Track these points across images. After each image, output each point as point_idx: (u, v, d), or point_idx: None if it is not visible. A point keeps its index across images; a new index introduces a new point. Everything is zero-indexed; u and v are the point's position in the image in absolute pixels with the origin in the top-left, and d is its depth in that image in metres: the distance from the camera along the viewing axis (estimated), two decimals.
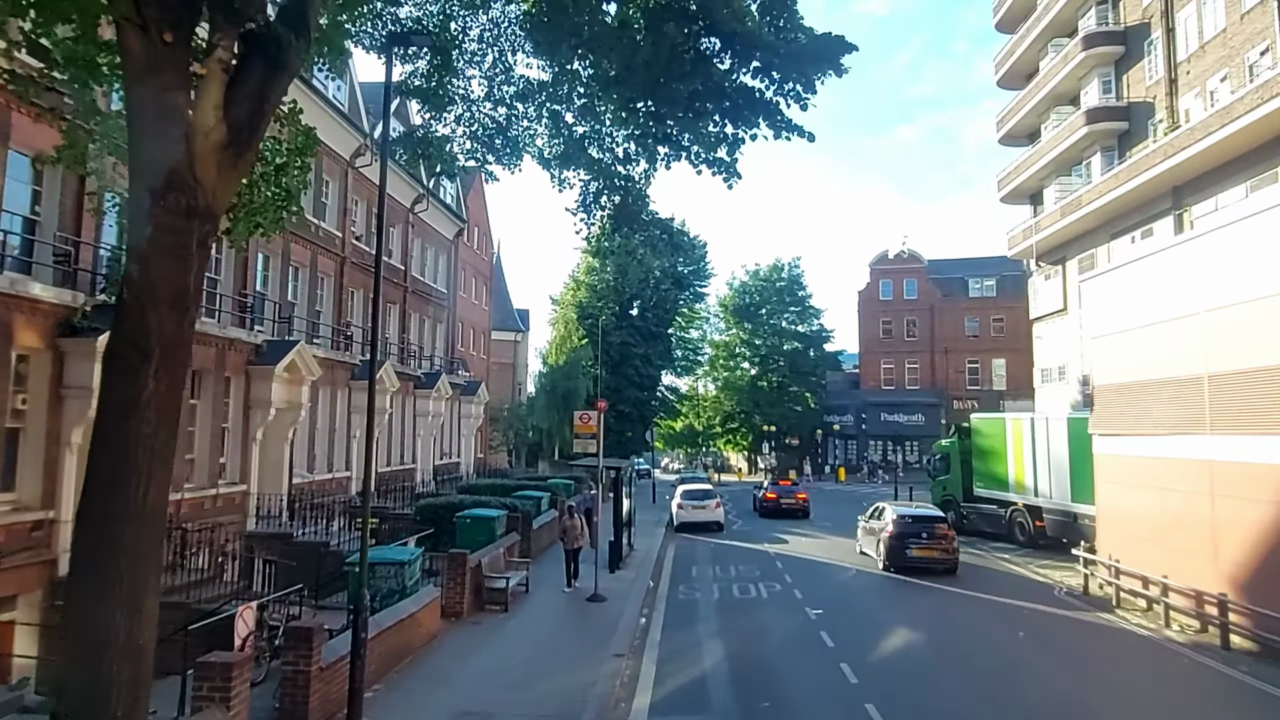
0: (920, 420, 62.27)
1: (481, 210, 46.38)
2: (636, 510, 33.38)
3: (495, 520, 18.29)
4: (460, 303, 41.93)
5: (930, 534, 20.55)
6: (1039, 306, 40.02)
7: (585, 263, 61.61)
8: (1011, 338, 61.19)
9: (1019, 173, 39.72)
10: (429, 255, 37.37)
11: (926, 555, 20.15)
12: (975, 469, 27.97)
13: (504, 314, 65.66)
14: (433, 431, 33.39)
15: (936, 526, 20.91)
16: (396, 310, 33.10)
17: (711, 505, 29.09)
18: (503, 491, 26.15)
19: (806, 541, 26.82)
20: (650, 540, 26.22)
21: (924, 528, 20.79)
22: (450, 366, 39.25)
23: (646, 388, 58.93)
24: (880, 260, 66.20)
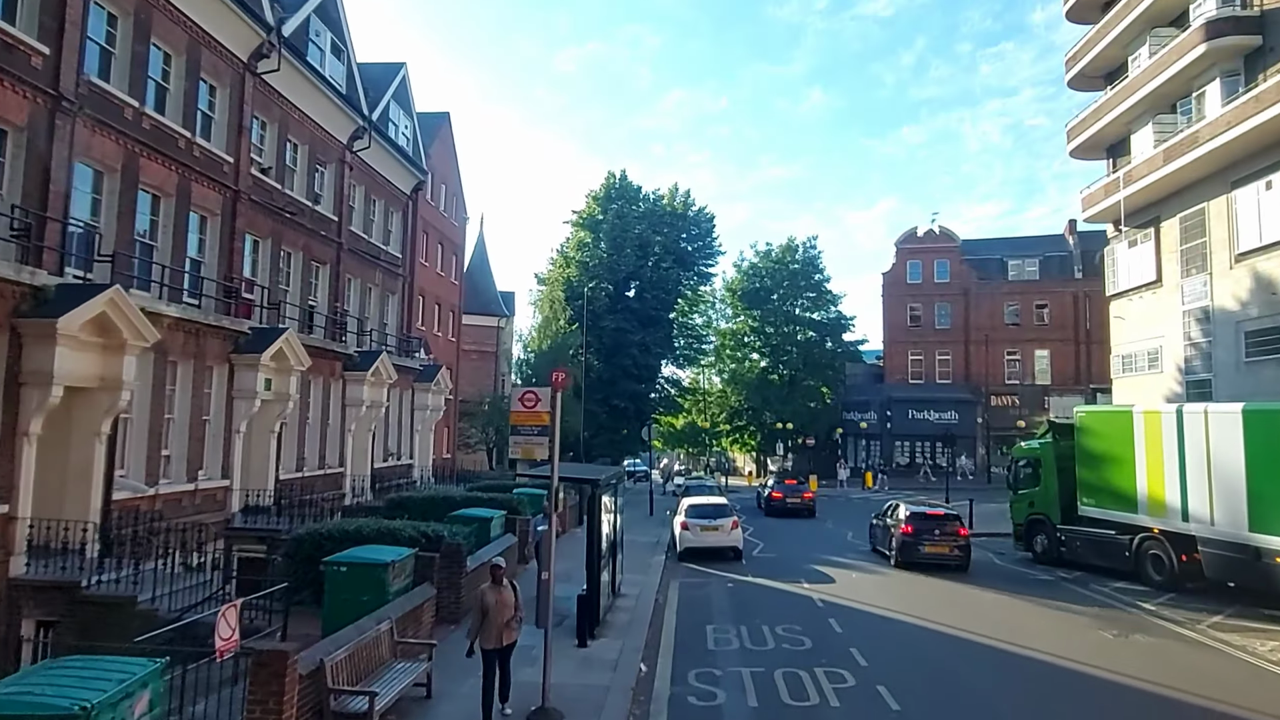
0: (953, 418, 55.17)
1: (450, 167, 39.31)
2: (628, 529, 26.43)
3: (387, 569, 11.22)
4: (420, 272, 34.86)
5: (943, 531, 20.89)
6: (1121, 280, 32.93)
7: (575, 237, 54.64)
8: (1058, 326, 54.42)
9: (1098, 117, 32.60)
10: (376, 210, 30.31)
11: (938, 552, 20.59)
12: (1083, 480, 20.89)
13: (486, 296, 58.80)
14: (370, 426, 26.32)
15: (949, 524, 21.12)
16: (326, 271, 26.06)
17: (727, 526, 22.03)
18: (444, 506, 19.21)
19: (857, 578, 19.74)
20: (645, 575, 19.16)
21: (937, 525, 21.09)
22: (405, 346, 32.20)
23: (644, 380, 51.91)
24: (908, 239, 59.08)
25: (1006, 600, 17.23)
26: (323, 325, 25.65)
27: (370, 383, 25.45)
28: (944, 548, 20.55)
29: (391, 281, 31.42)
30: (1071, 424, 22.03)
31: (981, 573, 20.86)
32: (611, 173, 55.05)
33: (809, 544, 26.22)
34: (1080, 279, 55.00)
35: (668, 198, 55.72)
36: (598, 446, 50.93)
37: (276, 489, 20.63)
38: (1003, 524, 31.22)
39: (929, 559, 20.46)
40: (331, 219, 26.09)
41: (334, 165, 26.34)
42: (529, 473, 14.02)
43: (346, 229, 27.16)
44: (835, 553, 24.05)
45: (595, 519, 13.06)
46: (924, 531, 20.76)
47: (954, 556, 20.49)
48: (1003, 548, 25.21)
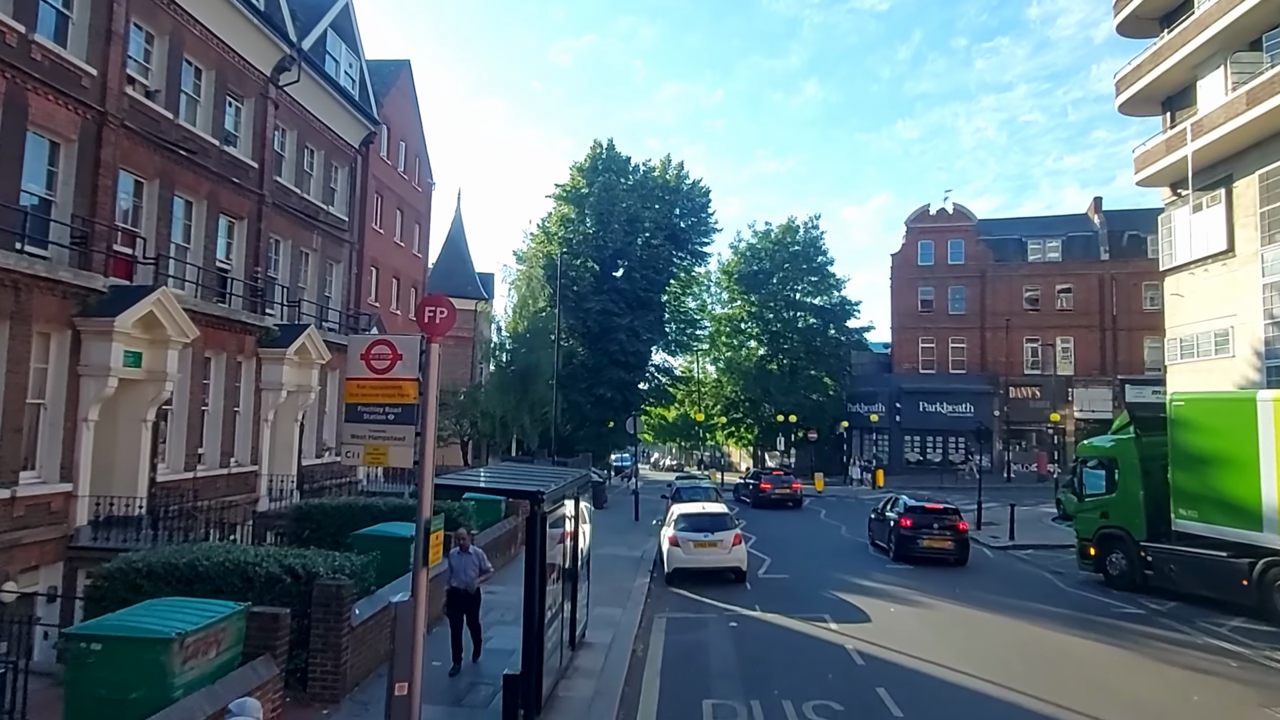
0: (968, 411, 50.68)
1: (411, 123, 34.67)
2: (608, 539, 22.00)
3: (169, 647, 6.64)
4: (373, 239, 30.26)
5: (941, 525, 20.67)
6: (1180, 252, 28.58)
7: (558, 211, 49.98)
8: (1082, 312, 50.12)
9: (1156, 62, 28.15)
10: (315, 162, 25.70)
11: (937, 546, 20.39)
12: (1179, 486, 16.43)
13: (463, 278, 54.21)
14: (295, 415, 21.73)
15: (947, 518, 20.88)
16: (243, 228, 21.47)
17: (727, 541, 17.53)
18: (362, 518, 14.75)
19: (896, 613, 15.31)
20: (622, 609, 14.68)
21: (935, 519, 20.88)
22: (351, 323, 27.63)
23: (632, 367, 47.35)
24: (919, 217, 54.62)
25: (1104, 650, 12.80)
26: (241, 294, 21.16)
27: (293, 363, 20.89)
28: (942, 541, 20.38)
29: (335, 248, 26.82)
30: (1161, 415, 17.60)
31: (1047, 599, 16.50)
32: (598, 142, 50.52)
33: (821, 553, 21.80)
34: (1107, 260, 50.67)
35: (659, 169, 51.15)
36: (581, 440, 46.47)
37: (152, 494, 16.10)
38: (1049, 532, 26.91)
39: (927, 553, 20.33)
40: (250, 164, 21.47)
41: (253, 101, 21.71)
42: (442, 481, 9.49)
43: (271, 179, 22.54)
44: (856, 568, 19.62)
45: (535, 553, 8.57)
46: (922, 525, 20.67)
47: (952, 550, 20.38)
48: (1061, 564, 20.84)
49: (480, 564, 10.64)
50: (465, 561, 10.62)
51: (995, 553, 23.21)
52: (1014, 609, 15.47)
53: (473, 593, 10.62)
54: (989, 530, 26.85)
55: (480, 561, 10.65)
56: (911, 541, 20.49)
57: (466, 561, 10.62)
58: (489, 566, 10.86)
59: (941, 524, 20.69)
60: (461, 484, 9.56)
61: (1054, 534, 26.45)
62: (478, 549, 10.92)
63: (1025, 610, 15.39)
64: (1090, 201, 54.08)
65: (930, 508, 21.36)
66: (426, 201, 36.89)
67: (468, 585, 10.58)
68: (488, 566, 10.81)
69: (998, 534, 25.97)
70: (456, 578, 10.54)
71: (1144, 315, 49.52)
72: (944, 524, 20.69)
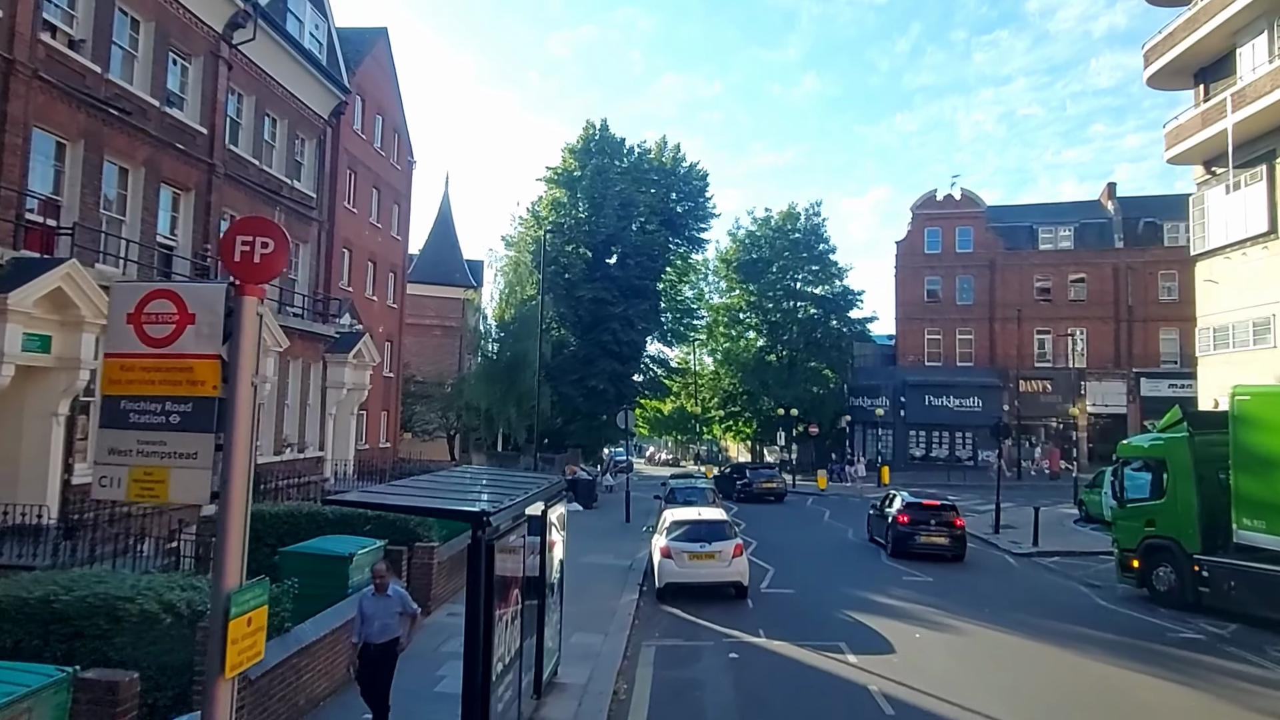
0: (976, 405, 48.82)
1: (389, 95, 32.47)
2: (595, 545, 19.93)
3: None
4: (345, 219, 28.12)
5: (939, 521, 20.46)
6: (1214, 235, 26.51)
7: (549, 195, 47.76)
8: (1095, 302, 48.13)
9: (1190, 29, 26.03)
10: (276, 132, 23.56)
11: (934, 542, 20.16)
12: (1242, 493, 14.37)
13: (451, 265, 52.19)
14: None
15: (945, 514, 20.64)
16: (191, 200, 19.36)
17: (727, 552, 15.44)
18: (306, 528, 12.70)
19: (923, 639, 13.26)
20: (603, 635, 12.62)
21: (932, 515, 20.69)
22: (320, 309, 25.55)
23: (626, 358, 45.18)
24: (926, 203, 52.47)
25: (1172, 691, 10.78)
26: (188, 273, 19.07)
27: None
28: (939, 538, 20.20)
29: (300, 226, 24.68)
30: (1218, 411, 15.57)
31: (1090, 621, 14.48)
32: (591, 122, 48.24)
33: (830, 562, 19.77)
34: (1121, 249, 48.61)
35: (655, 152, 48.92)
36: (572, 434, 44.37)
37: (66, 500, 14.04)
38: (1073, 537, 24.90)
39: (924, 549, 20.16)
40: (197, 130, 19.34)
41: (201, 60, 19.55)
42: (348, 499, 7.34)
43: (224, 147, 20.43)
44: (869, 580, 17.56)
45: (479, 592, 6.49)
46: (919, 522, 20.54)
47: (949, 547, 20.17)
48: (1094, 575, 18.86)
49: (404, 607, 8.21)
50: (381, 607, 8.10)
51: (1019, 560, 21.20)
52: (1055, 635, 13.43)
53: (384, 646, 8.11)
54: (1008, 534, 24.84)
55: (404, 603, 8.23)
56: (908, 538, 20.40)
57: (383, 607, 8.10)
58: (415, 608, 8.38)
59: (939, 520, 20.49)
60: (370, 501, 7.32)
61: (1079, 538, 24.47)
62: (399, 589, 8.46)
63: (1069, 636, 13.36)
64: (1104, 187, 52.00)
65: (927, 504, 21.16)
66: (407, 181, 34.72)
67: (380, 637, 8.09)
68: (414, 608, 8.34)
69: (1018, 538, 23.95)
70: (367, 627, 8.07)
71: (1160, 306, 47.56)
72: (941, 520, 20.48)
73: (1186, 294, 46.80)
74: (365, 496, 7.37)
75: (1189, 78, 27.80)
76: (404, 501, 6.90)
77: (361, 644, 8.10)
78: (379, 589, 8.12)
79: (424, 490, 8.20)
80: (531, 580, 8.87)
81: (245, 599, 3.80)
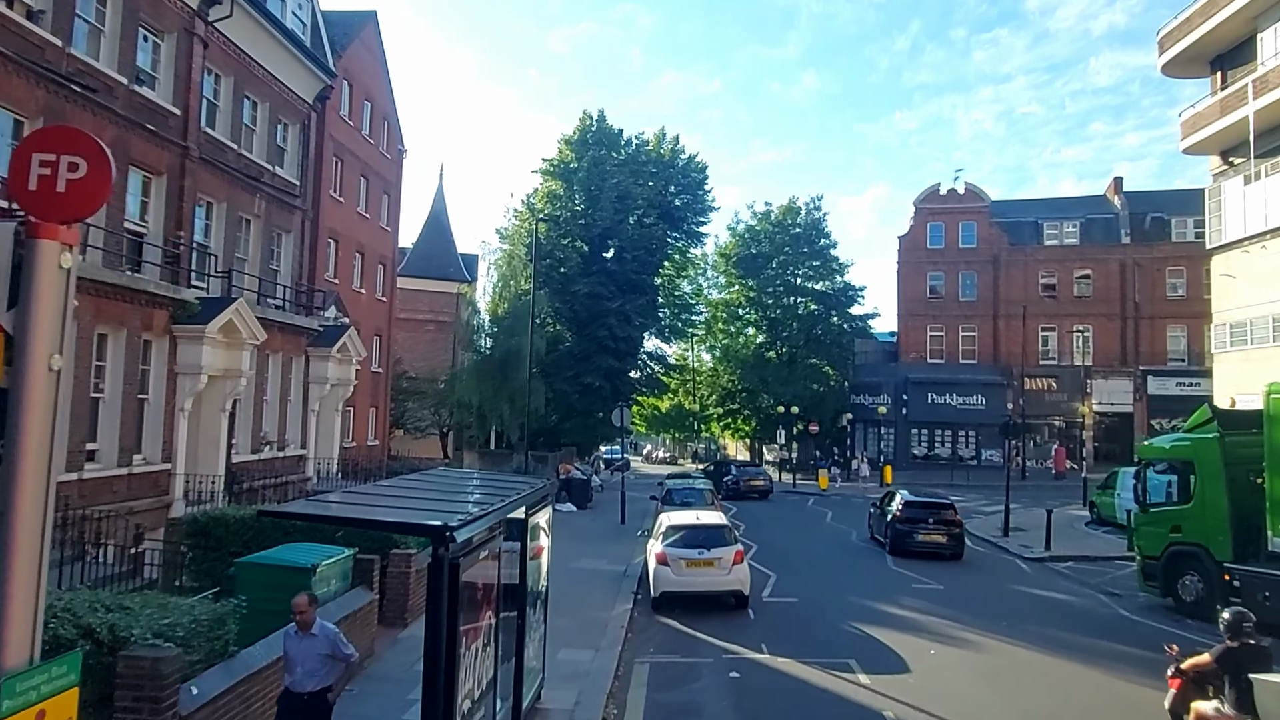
0: (979, 403, 47.93)
1: (378, 81, 31.42)
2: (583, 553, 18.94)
3: None
4: (331, 208, 27.12)
5: (937, 519, 20.61)
6: (1231, 227, 25.59)
7: (544, 187, 46.75)
8: (1101, 299, 47.22)
9: (1208, 14, 25.10)
10: (257, 115, 22.53)
11: (932, 540, 20.28)
12: (1276, 497, 13.40)
13: (445, 259, 51.14)
14: (222, 404, 18.60)
15: (943, 513, 20.83)
16: (163, 185, 18.33)
17: (726, 559, 14.48)
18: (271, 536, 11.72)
19: (939, 656, 12.31)
20: (592, 653, 11.66)
21: (930, 513, 20.86)
22: (304, 301, 24.56)
23: (623, 354, 44.20)
24: (929, 197, 51.50)
25: None
26: (160, 262, 18.06)
27: (217, 342, 17.75)
28: (937, 536, 20.38)
29: (283, 215, 23.66)
30: (1251, 410, 14.62)
31: (1114, 634, 13.56)
32: (588, 113, 47.13)
33: (834, 567, 18.81)
34: (1128, 244, 47.68)
35: (653, 143, 47.88)
36: (568, 432, 43.39)
37: None
38: (1086, 541, 23.96)
39: (922, 547, 20.35)
40: (170, 111, 18.30)
41: (174, 37, 18.51)
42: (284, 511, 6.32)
43: (199, 130, 19.37)
44: (876, 588, 16.58)
45: (440, 619, 5.52)
46: (918, 520, 20.73)
47: (947, 545, 20.34)
48: (1112, 583, 17.95)
49: (334, 649, 6.68)
50: (305, 649, 6.66)
51: (1032, 566, 20.25)
52: (1079, 650, 12.47)
53: (311, 698, 6.66)
54: (1018, 537, 23.90)
55: (334, 646, 6.69)
56: (907, 536, 20.57)
57: (307, 649, 6.65)
58: (349, 653, 6.80)
59: (937, 519, 20.67)
60: (311, 513, 6.23)
61: (1093, 542, 23.56)
62: (329, 626, 6.87)
63: (1094, 653, 12.40)
64: (1110, 182, 51.05)
65: (926, 503, 21.37)
66: (397, 170, 33.70)
67: (305, 685, 6.66)
68: (347, 653, 6.76)
69: (1029, 542, 23.03)
70: (290, 673, 6.72)
71: (1168, 303, 46.66)
72: (939, 519, 20.66)
73: (1195, 290, 46.06)
74: (308, 507, 6.38)
75: (1205, 65, 26.89)
76: (352, 513, 5.94)
77: (283, 691, 6.82)
78: (301, 626, 6.65)
79: (388, 497, 7.22)
80: (510, 597, 7.91)
81: (32, 685, 2.68)
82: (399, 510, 6.25)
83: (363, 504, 6.51)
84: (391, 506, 6.52)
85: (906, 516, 20.83)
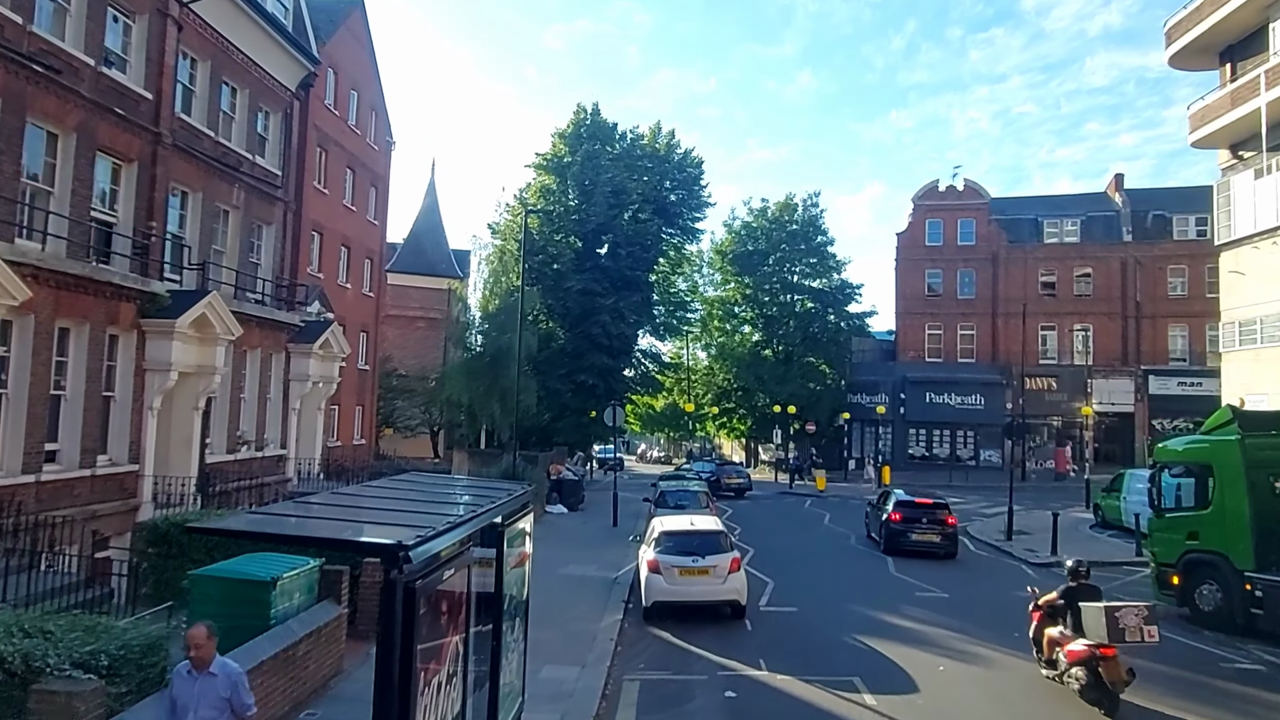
0: (978, 402, 47.32)
1: (365, 70, 30.60)
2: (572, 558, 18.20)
3: None
4: (315, 200, 26.30)
5: (930, 520, 21.08)
6: (1241, 223, 24.92)
7: (537, 182, 45.93)
8: (1101, 298, 46.64)
9: (1216, 5, 24.43)
10: (236, 102, 21.68)
11: (926, 540, 20.79)
12: None
13: (436, 255, 50.51)
14: (194, 401, 17.76)
15: (937, 513, 21.27)
16: (134, 173, 17.50)
17: (723, 566, 13.72)
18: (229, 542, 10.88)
19: (948, 674, 11.59)
20: (578, 670, 10.90)
21: (924, 513, 21.30)
22: (286, 295, 23.74)
23: (617, 352, 43.44)
24: (928, 194, 50.82)
25: None
26: (127, 253, 17.21)
27: (188, 337, 16.92)
28: (931, 536, 20.89)
29: (264, 206, 22.81)
30: (1273, 411, 13.95)
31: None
32: (582, 106, 46.30)
33: (833, 573, 18.04)
34: (1129, 242, 47.05)
35: (648, 137, 47.06)
36: (561, 431, 42.59)
37: None
38: (1092, 545, 23.20)
39: (916, 546, 20.85)
40: (141, 95, 17.45)
41: (146, 18, 17.63)
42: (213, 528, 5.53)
43: (173, 116, 18.52)
44: (878, 595, 15.83)
45: (392, 655, 4.74)
46: (912, 520, 21.20)
47: (940, 545, 20.85)
48: (1124, 589, 17.14)
49: (234, 694, 5.67)
50: (201, 692, 5.59)
51: (1039, 572, 19.48)
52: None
53: None
54: (1022, 541, 23.23)
55: (235, 690, 5.68)
56: (901, 535, 21.07)
57: (203, 692, 5.59)
58: (249, 704, 5.76)
59: (930, 519, 21.12)
60: (241, 529, 5.32)
61: (1099, 547, 22.85)
62: (231, 666, 5.84)
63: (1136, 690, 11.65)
64: (1111, 179, 50.40)
65: (919, 502, 21.76)
66: (385, 162, 32.87)
67: None
68: (247, 702, 5.74)
69: (1034, 546, 22.36)
70: None
71: (1169, 302, 46.05)
72: (932, 519, 21.12)
73: (1197, 289, 45.47)
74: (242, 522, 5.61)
75: (1214, 57, 26.22)
76: (294, 530, 5.18)
77: None
78: (197, 664, 5.61)
79: (346, 507, 6.44)
80: (484, 615, 7.13)
81: None
82: (353, 524, 5.48)
83: (314, 515, 5.74)
84: (347, 520, 5.75)
85: (900, 516, 21.28)
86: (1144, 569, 19.22)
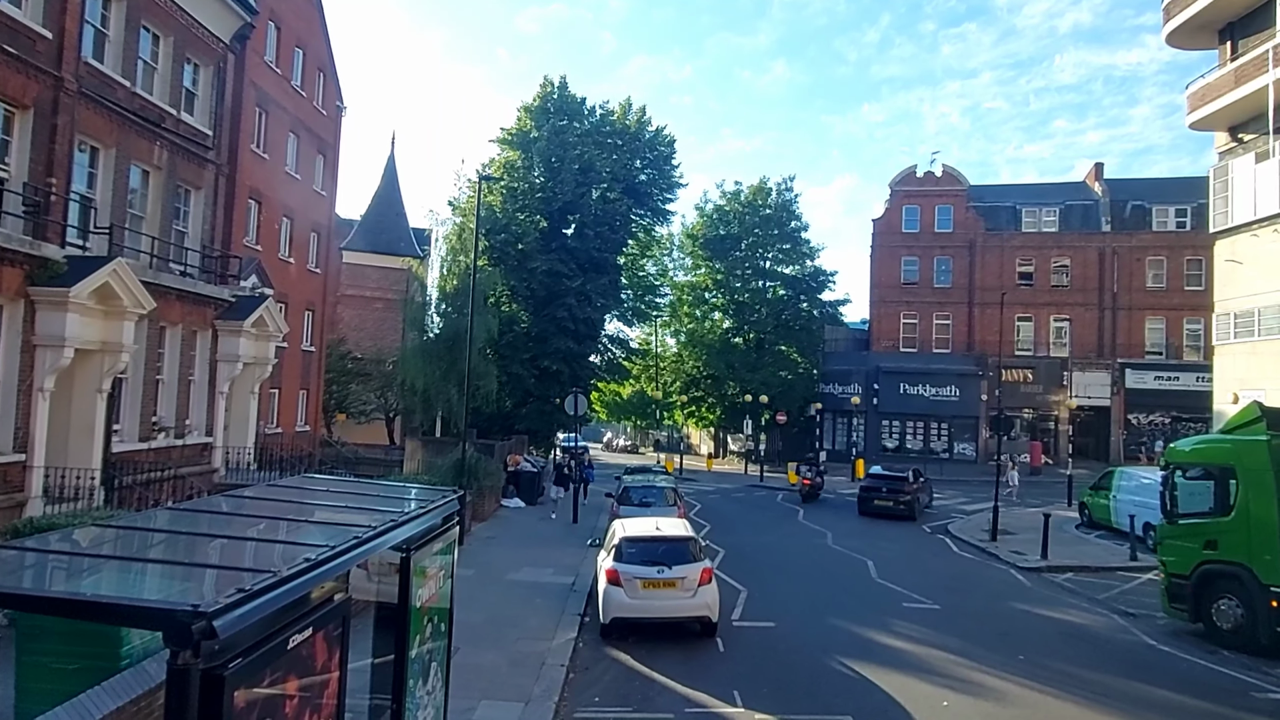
0: (953, 394, 46.19)
1: (313, 29, 28.30)
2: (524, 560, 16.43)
3: None
4: (252, 165, 24.08)
5: (890, 489, 26.72)
6: (1240, 209, 23.70)
7: (502, 157, 43.80)
8: (1079, 288, 45.73)
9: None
10: (159, 51, 19.48)
11: (887, 505, 26.33)
12: None
13: (395, 233, 48.31)
14: (96, 383, 15.68)
15: (898, 483, 26.95)
16: (28, 120, 15.36)
17: (692, 578, 12.03)
18: None
19: (963, 712, 10.03)
20: (519, 706, 9.15)
21: (886, 484, 27.06)
22: (217, 269, 21.61)
23: (583, 337, 41.57)
24: (905, 179, 49.46)
25: None
26: (19, 212, 15.06)
27: (87, 309, 14.85)
28: (890, 501, 26.37)
29: (192, 169, 20.67)
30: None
31: (1144, 671, 11.39)
32: (549, 79, 44.14)
33: (808, 578, 16.46)
34: (1108, 233, 46.10)
35: (619, 114, 45.07)
36: (523, 419, 40.68)
37: None
38: (1081, 547, 21.81)
39: (878, 509, 26.35)
40: (39, 33, 15.34)
41: None
42: None
43: (78, 60, 16.39)
44: (863, 606, 14.28)
45: None
46: (877, 489, 26.97)
47: (899, 508, 26.15)
48: (1125, 600, 15.85)
49: None
50: None
51: (1030, 577, 18.14)
52: (1109, 695, 10.29)
53: None
54: (1007, 542, 21.90)
55: None
56: (868, 501, 27.00)
57: None
58: None
59: (890, 488, 26.74)
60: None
61: (1090, 550, 21.56)
62: None
63: (1132, 700, 10.21)
64: (1090, 168, 49.44)
65: (885, 475, 27.95)
66: (334, 129, 30.62)
67: None
68: None
69: (1021, 548, 21.01)
70: None
71: (1146, 294, 45.22)
72: (893, 488, 26.73)
73: (1176, 281, 44.69)
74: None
75: (1213, 34, 24.95)
76: (31, 591, 3.37)
77: None
78: None
79: (163, 533, 4.63)
80: (379, 675, 5.39)
81: None
82: (144, 569, 3.67)
83: (88, 552, 3.95)
84: (141, 559, 3.93)
85: (870, 485, 27.52)
86: (1141, 575, 18.00)
